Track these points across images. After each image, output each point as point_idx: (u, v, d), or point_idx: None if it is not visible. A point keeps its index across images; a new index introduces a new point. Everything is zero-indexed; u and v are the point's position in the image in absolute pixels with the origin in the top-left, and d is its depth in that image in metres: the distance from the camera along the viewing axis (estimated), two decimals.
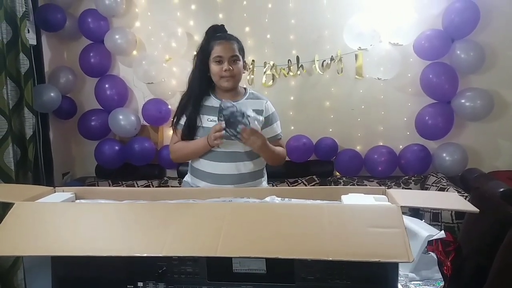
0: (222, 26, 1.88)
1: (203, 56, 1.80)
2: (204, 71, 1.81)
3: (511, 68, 2.86)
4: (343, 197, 1.34)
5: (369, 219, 1.09)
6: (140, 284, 1.19)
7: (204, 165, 1.83)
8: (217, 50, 1.75)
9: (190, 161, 1.92)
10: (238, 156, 1.79)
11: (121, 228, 1.14)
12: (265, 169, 1.96)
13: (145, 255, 1.03)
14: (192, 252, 1.04)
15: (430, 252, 1.43)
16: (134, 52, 3.12)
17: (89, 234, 1.12)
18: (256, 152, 1.76)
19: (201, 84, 1.82)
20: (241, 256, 0.99)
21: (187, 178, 1.95)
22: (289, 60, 2.99)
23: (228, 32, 1.87)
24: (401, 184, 2.85)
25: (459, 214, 2.35)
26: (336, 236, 1.03)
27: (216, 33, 1.82)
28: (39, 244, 1.09)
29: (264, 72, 3.02)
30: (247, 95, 1.87)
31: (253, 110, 1.70)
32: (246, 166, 1.81)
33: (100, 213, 1.23)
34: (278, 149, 1.84)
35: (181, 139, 1.85)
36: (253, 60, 3.01)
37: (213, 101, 1.82)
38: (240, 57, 1.79)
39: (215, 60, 1.75)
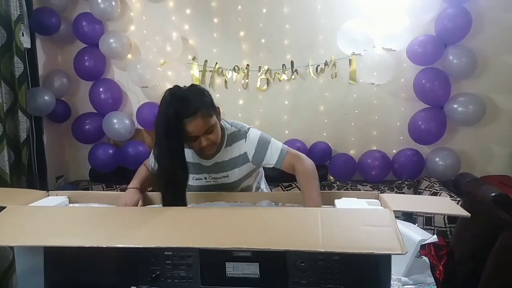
0: (180, 89, 1.52)
1: (172, 128, 1.41)
2: (176, 145, 1.44)
3: (503, 73, 2.89)
4: (336, 201, 1.35)
5: (362, 219, 1.10)
6: None
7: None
8: (188, 130, 1.44)
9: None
10: (230, 186, 1.66)
11: (113, 226, 1.14)
12: (262, 174, 1.88)
13: (136, 246, 1.04)
14: (185, 243, 1.05)
15: (423, 256, 1.44)
16: (129, 56, 3.12)
17: (81, 230, 1.12)
18: None
19: (173, 161, 1.44)
20: (233, 247, 1.00)
21: None
22: (283, 64, 3.00)
23: (188, 94, 1.50)
24: (394, 188, 2.86)
25: (452, 218, 2.36)
26: (329, 231, 1.04)
27: (174, 101, 1.44)
28: (30, 236, 1.09)
29: (259, 77, 3.03)
30: (225, 141, 1.61)
31: (235, 158, 1.60)
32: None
33: (92, 214, 1.23)
34: (307, 186, 1.53)
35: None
36: (247, 65, 3.02)
37: (192, 156, 1.62)
38: (213, 120, 1.50)
39: (191, 140, 1.49)
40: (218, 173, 1.63)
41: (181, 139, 1.45)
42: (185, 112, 1.43)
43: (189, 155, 1.59)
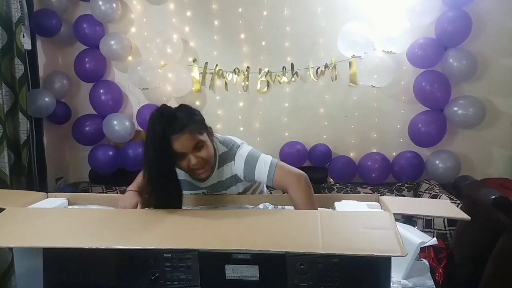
0: (169, 108, 1.45)
1: (160, 145, 1.36)
2: (164, 160, 1.38)
3: (503, 76, 2.89)
4: (336, 203, 1.35)
5: (361, 222, 1.10)
6: None
7: None
8: (176, 147, 1.38)
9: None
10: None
11: (112, 228, 1.14)
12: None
13: (136, 247, 1.04)
14: (184, 245, 1.05)
15: (423, 259, 1.44)
16: (130, 58, 3.12)
17: (80, 231, 1.12)
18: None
19: (165, 184, 1.39)
20: (233, 249, 1.00)
21: None
22: (283, 67, 3.00)
23: (177, 113, 1.44)
24: (394, 191, 2.86)
25: (452, 221, 2.37)
26: (329, 233, 1.04)
27: (162, 120, 1.38)
28: (29, 238, 1.09)
29: (259, 79, 3.04)
30: (217, 162, 1.57)
31: (228, 179, 1.57)
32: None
33: (91, 216, 1.23)
34: (300, 199, 1.42)
35: None
36: (248, 67, 3.02)
37: (185, 175, 1.57)
38: (203, 137, 1.45)
39: (180, 158, 1.43)
40: (216, 191, 1.60)
41: (171, 160, 1.39)
42: (172, 129, 1.37)
43: (182, 173, 1.51)
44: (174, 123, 1.39)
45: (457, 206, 2.20)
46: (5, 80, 2.36)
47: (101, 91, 3.07)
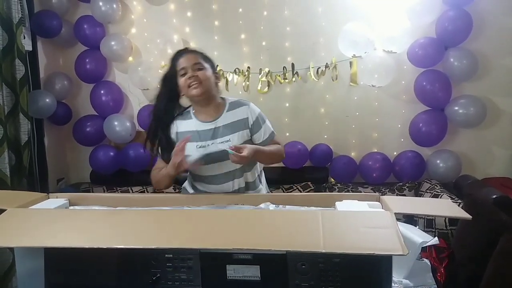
0: (186, 48, 1.84)
1: (170, 82, 1.76)
2: (172, 98, 1.79)
3: (504, 75, 2.89)
4: (338, 203, 1.35)
5: (362, 221, 1.10)
6: None
7: (201, 186, 1.81)
8: (180, 63, 1.71)
9: (188, 174, 1.89)
10: (231, 174, 1.74)
11: (113, 228, 1.14)
12: (263, 174, 1.94)
13: (137, 246, 1.04)
14: (185, 245, 1.05)
15: (424, 259, 1.44)
16: (130, 59, 3.12)
17: (81, 232, 1.12)
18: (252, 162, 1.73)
19: (166, 112, 1.79)
20: (234, 248, 0.99)
21: (186, 184, 1.93)
22: (284, 67, 3.00)
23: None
24: (395, 190, 2.86)
25: (453, 221, 2.36)
26: (330, 233, 1.03)
27: (177, 52, 1.80)
28: (30, 238, 1.09)
29: (260, 79, 3.03)
30: (227, 106, 1.77)
31: (237, 121, 1.73)
32: (242, 181, 1.77)
33: (93, 216, 1.23)
34: (272, 148, 1.77)
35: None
36: (248, 67, 3.02)
37: (195, 124, 1.76)
38: (206, 66, 1.72)
39: (181, 74, 1.70)
40: (221, 137, 1.71)
41: (175, 93, 1.74)
42: (183, 51, 1.75)
43: (191, 124, 1.75)
44: (187, 49, 1.79)
45: (458, 205, 2.19)
46: (6, 81, 2.37)
47: (102, 91, 3.08)
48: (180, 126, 1.78)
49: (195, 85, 1.67)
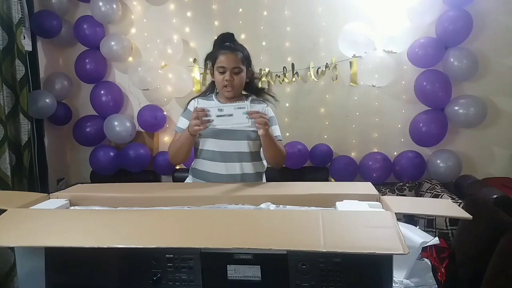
0: (231, 35, 1.89)
1: (210, 63, 1.88)
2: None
3: (504, 75, 2.89)
4: (338, 203, 1.35)
5: (363, 221, 1.10)
6: None
7: (207, 166, 1.85)
8: (220, 60, 1.80)
9: (192, 164, 1.93)
10: (242, 156, 1.83)
11: (114, 227, 1.14)
12: (264, 174, 1.97)
13: (137, 246, 1.03)
14: (186, 244, 1.04)
15: (424, 259, 1.44)
16: (130, 59, 3.12)
17: (82, 232, 1.12)
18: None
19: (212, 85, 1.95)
20: (234, 247, 0.99)
21: (188, 180, 1.96)
22: (284, 67, 3.00)
23: (236, 41, 1.89)
24: (396, 190, 2.86)
25: (453, 221, 2.36)
26: (331, 232, 1.03)
27: (223, 42, 1.85)
28: (30, 238, 1.09)
29: (260, 79, 3.03)
30: (249, 100, 1.91)
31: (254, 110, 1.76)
32: (249, 167, 1.85)
33: (93, 216, 1.23)
34: (279, 144, 1.85)
35: None
36: None
37: (215, 104, 1.87)
38: (243, 68, 1.82)
39: (219, 71, 1.81)
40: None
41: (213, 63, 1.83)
42: (227, 41, 1.83)
43: (212, 104, 1.84)
44: (232, 41, 1.85)
45: (459, 205, 2.19)
46: (6, 82, 2.37)
47: (102, 92, 3.08)
48: (201, 103, 1.90)
49: (229, 89, 1.81)
